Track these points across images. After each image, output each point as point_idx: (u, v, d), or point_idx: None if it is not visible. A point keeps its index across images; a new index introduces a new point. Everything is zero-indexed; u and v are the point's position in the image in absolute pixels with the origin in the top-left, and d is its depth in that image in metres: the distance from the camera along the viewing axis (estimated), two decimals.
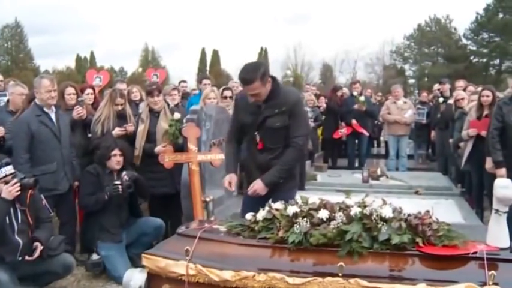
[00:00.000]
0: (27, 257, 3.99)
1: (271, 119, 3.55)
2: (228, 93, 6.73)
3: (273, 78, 3.56)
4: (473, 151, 6.44)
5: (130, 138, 5.55)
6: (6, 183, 3.88)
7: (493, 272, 2.31)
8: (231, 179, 3.78)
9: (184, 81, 10.26)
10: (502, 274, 2.33)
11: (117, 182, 4.76)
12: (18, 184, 3.91)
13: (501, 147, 5.42)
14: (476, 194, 6.75)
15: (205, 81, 8.01)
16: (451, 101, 8.24)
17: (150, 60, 48.08)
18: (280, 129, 3.55)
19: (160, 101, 5.57)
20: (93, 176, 4.94)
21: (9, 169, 3.94)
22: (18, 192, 3.92)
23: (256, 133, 3.64)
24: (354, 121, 9.79)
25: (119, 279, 4.54)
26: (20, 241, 3.98)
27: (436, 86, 10.28)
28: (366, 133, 9.98)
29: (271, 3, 70.57)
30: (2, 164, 3.93)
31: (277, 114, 3.52)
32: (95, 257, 4.90)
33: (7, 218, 3.92)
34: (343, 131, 9.79)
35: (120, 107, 5.59)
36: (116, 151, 4.92)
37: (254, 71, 3.39)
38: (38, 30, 63.49)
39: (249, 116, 3.65)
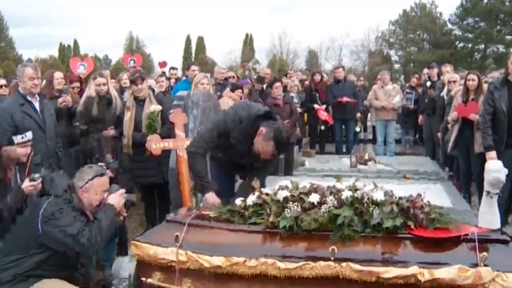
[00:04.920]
0: None
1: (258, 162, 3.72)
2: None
3: None
4: (460, 136, 6.46)
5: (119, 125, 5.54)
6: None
7: (484, 253, 2.32)
8: (215, 200, 3.50)
9: (175, 68, 10.24)
10: (493, 256, 2.34)
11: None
12: (40, 185, 3.67)
13: (492, 131, 5.46)
14: (464, 179, 6.78)
15: (193, 67, 7.99)
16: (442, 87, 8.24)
17: (134, 49, 47.47)
18: None
19: (144, 89, 5.51)
20: None
21: (30, 134, 3.90)
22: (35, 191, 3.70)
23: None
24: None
25: None
26: None
27: (425, 71, 10.29)
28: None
29: None
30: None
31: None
32: None
33: None
34: (325, 115, 9.72)
35: (101, 88, 5.53)
36: (108, 156, 4.80)
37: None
38: (20, 21, 62.44)
39: (238, 153, 3.67)
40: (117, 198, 3.30)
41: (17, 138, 3.79)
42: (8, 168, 3.80)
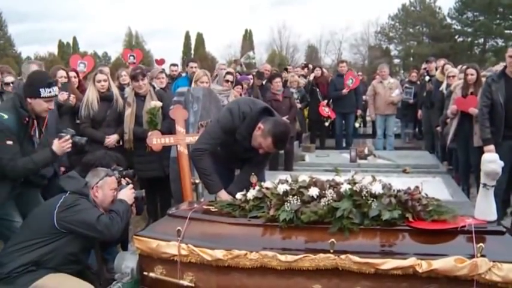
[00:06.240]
0: None
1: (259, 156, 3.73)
2: (230, 77, 6.68)
3: None
4: (459, 129, 6.51)
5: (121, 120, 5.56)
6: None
7: (480, 244, 2.35)
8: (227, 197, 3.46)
9: (175, 65, 10.24)
10: (489, 246, 2.37)
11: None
12: (70, 141, 3.76)
13: (489, 123, 5.50)
14: (463, 172, 6.83)
15: (192, 64, 8.00)
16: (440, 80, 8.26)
17: (134, 45, 47.32)
18: None
19: (144, 85, 5.56)
20: None
21: (56, 90, 3.79)
22: (69, 149, 3.79)
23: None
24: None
25: None
26: None
27: (423, 65, 10.35)
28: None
29: None
30: (52, 83, 3.72)
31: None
32: None
33: None
34: (327, 110, 9.82)
35: (102, 85, 5.55)
36: (114, 166, 4.79)
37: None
38: (19, 17, 62.54)
39: (240, 148, 3.70)
40: (128, 192, 3.41)
41: (44, 92, 3.66)
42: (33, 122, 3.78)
